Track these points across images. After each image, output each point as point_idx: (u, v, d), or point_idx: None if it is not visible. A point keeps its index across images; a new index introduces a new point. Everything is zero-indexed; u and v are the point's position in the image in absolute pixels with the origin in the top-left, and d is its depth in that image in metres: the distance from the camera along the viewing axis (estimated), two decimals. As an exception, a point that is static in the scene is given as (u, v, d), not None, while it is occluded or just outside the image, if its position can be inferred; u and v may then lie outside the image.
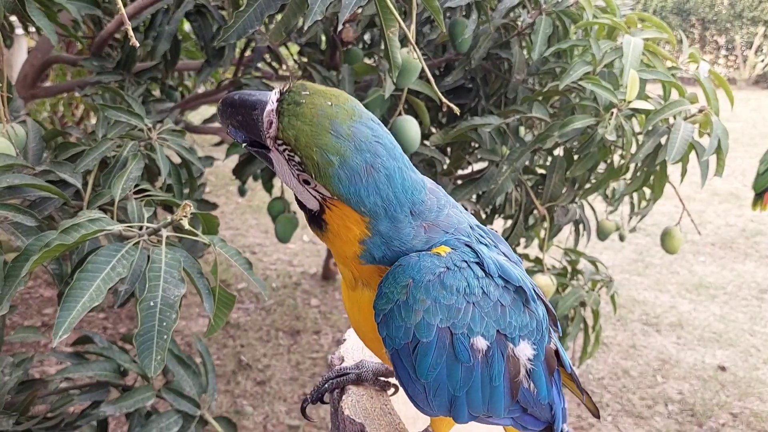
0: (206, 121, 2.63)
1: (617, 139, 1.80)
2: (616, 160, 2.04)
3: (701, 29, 13.30)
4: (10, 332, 1.65)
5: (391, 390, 0.86)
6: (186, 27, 2.80)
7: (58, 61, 2.34)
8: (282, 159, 0.62)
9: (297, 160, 0.61)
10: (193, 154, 1.59)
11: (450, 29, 1.95)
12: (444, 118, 2.36)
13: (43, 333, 1.67)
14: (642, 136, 1.80)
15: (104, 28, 2.01)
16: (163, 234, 1.06)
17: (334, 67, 2.24)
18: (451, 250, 0.66)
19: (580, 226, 2.37)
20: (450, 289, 0.64)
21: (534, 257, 2.24)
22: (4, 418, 1.34)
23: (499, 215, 2.33)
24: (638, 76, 1.65)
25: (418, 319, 0.63)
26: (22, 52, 3.88)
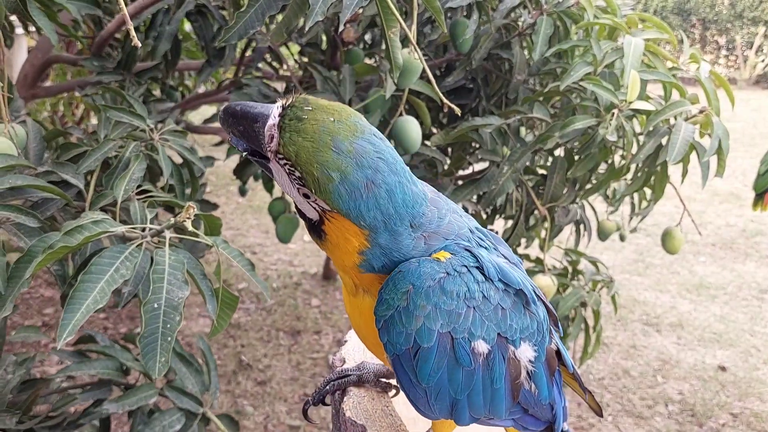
0: (207, 121, 2.63)
1: (618, 140, 1.80)
2: (617, 160, 2.04)
3: (702, 29, 13.28)
4: (11, 332, 1.65)
5: (393, 391, 0.86)
6: (187, 27, 2.80)
7: (58, 61, 2.34)
8: (282, 171, 0.63)
9: (297, 175, 0.61)
10: (195, 155, 1.59)
11: (451, 29, 1.95)
12: (445, 119, 2.36)
13: (44, 333, 1.67)
14: (643, 137, 1.80)
15: (104, 27, 2.01)
16: (167, 236, 1.06)
17: (335, 68, 2.24)
18: (451, 255, 0.66)
19: (581, 227, 2.37)
20: (450, 295, 0.64)
21: (535, 257, 2.24)
22: (7, 417, 1.34)
23: (499, 216, 2.33)
24: (639, 77, 1.65)
25: (418, 325, 0.63)
26: (22, 52, 3.88)
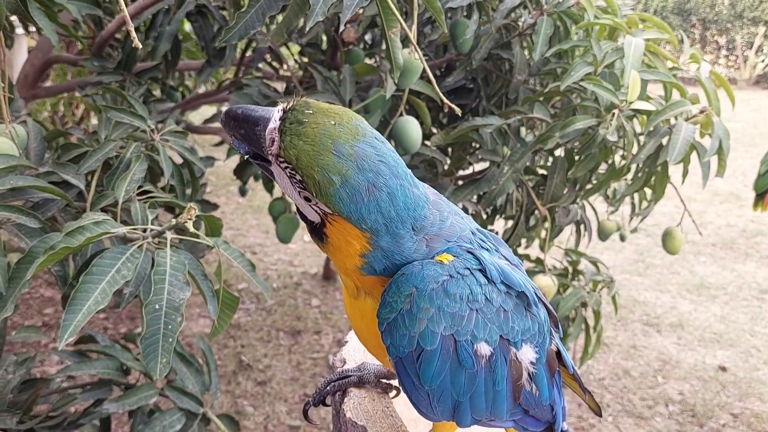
0: (207, 121, 2.63)
1: (618, 140, 1.80)
2: (618, 160, 2.04)
3: (702, 29, 13.28)
4: (12, 332, 1.65)
5: (393, 392, 0.86)
6: (187, 27, 2.80)
7: (58, 61, 2.34)
8: (284, 174, 0.63)
9: (298, 178, 0.61)
10: (195, 155, 1.59)
11: (451, 30, 1.95)
12: (445, 119, 2.36)
13: (44, 333, 1.67)
14: (643, 137, 1.80)
15: (105, 28, 2.01)
16: (168, 236, 1.06)
17: (335, 68, 2.24)
18: (454, 257, 0.66)
19: (581, 227, 2.37)
20: (453, 297, 0.64)
21: (535, 258, 2.24)
22: (8, 417, 1.34)
23: (500, 216, 2.33)
24: (639, 77, 1.65)
25: (422, 328, 0.63)
26: (22, 52, 3.87)
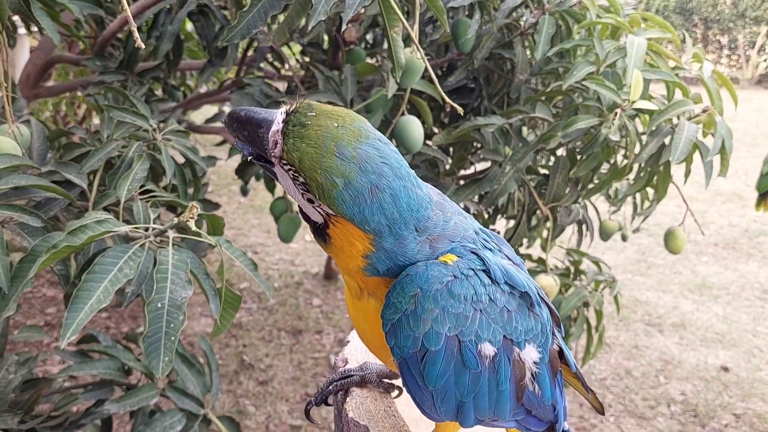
0: (208, 121, 2.63)
1: (621, 140, 1.80)
2: (620, 160, 2.04)
3: (704, 29, 13.26)
4: (14, 331, 1.65)
5: (396, 392, 0.86)
6: (189, 27, 2.80)
7: (60, 61, 2.35)
8: (287, 176, 0.63)
9: (301, 181, 0.61)
10: (197, 155, 1.59)
11: (453, 29, 1.95)
12: (446, 118, 2.36)
13: (46, 332, 1.67)
14: (646, 137, 1.80)
15: (107, 27, 2.01)
16: (170, 235, 1.06)
17: (337, 67, 2.24)
18: (458, 258, 0.66)
19: (583, 227, 2.36)
20: (458, 298, 0.64)
21: (537, 257, 2.23)
22: (9, 417, 1.35)
23: (501, 215, 2.32)
24: (642, 76, 1.65)
25: (426, 328, 0.63)
26: (24, 52, 3.88)
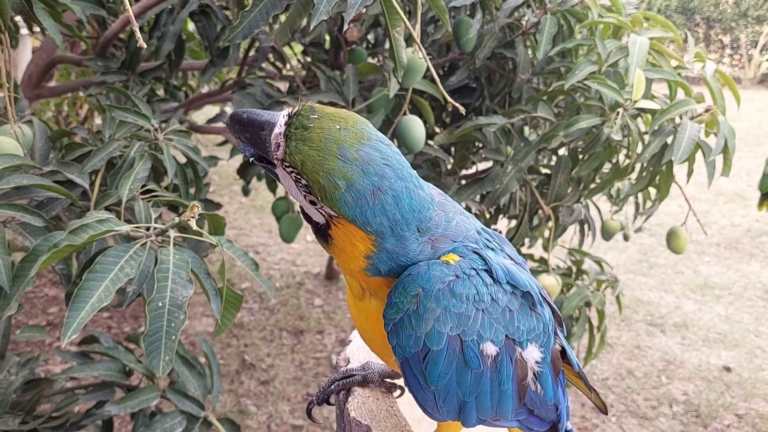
0: (210, 121, 2.63)
1: (623, 139, 1.79)
2: (622, 159, 2.04)
3: (706, 28, 13.24)
4: (16, 331, 1.65)
5: (397, 392, 0.86)
6: (190, 27, 2.80)
7: (62, 61, 2.35)
8: (289, 178, 0.63)
9: (303, 183, 0.61)
10: (199, 154, 1.59)
11: (454, 29, 1.94)
12: (448, 118, 2.36)
13: (48, 332, 1.67)
14: (648, 136, 1.80)
15: (109, 28, 2.02)
16: (171, 235, 1.06)
17: (339, 67, 2.24)
18: (460, 258, 0.66)
19: (585, 226, 2.36)
20: (460, 297, 0.64)
21: (538, 257, 2.23)
22: (11, 417, 1.35)
23: (503, 215, 2.32)
24: (644, 76, 1.64)
25: (428, 328, 0.63)
26: (26, 52, 3.89)
